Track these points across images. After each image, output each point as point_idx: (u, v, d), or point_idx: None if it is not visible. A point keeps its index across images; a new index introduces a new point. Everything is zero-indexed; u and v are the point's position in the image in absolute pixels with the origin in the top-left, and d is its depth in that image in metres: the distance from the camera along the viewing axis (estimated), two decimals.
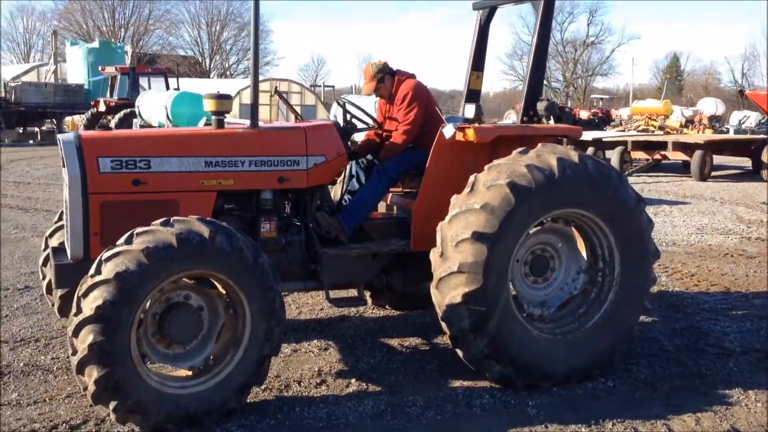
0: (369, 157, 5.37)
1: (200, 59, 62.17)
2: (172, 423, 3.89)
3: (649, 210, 5.07)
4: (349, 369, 4.94)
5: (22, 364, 4.90)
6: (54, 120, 29.31)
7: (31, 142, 27.92)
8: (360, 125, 5.29)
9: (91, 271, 3.76)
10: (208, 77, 55.83)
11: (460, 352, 4.55)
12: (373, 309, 6.28)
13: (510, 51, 65.76)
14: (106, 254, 3.79)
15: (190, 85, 23.12)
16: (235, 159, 4.60)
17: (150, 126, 18.57)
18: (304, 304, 6.40)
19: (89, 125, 21.76)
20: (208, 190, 4.56)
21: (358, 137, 5.50)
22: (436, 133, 4.95)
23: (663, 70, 69.92)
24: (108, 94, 22.22)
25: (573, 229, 4.87)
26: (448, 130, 4.81)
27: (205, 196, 4.56)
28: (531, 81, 5.11)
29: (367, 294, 6.01)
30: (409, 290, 5.56)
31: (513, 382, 4.53)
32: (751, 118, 33.38)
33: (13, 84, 29.13)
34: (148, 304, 3.90)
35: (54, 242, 5.08)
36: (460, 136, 4.84)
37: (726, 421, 4.20)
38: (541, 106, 5.09)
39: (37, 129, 29.08)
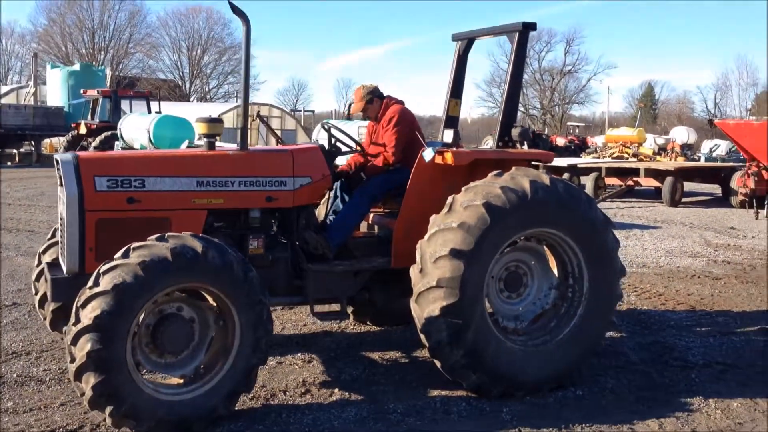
0: (358, 175, 5.61)
1: (180, 83, 62.43)
2: (164, 428, 4.09)
3: (621, 234, 5.40)
4: (333, 380, 5.16)
5: (15, 375, 5.06)
6: (33, 142, 29.27)
7: (9, 164, 27.83)
8: (344, 148, 5.58)
9: (90, 282, 3.97)
10: (188, 101, 56.04)
11: (438, 363, 4.79)
12: (354, 324, 6.52)
13: (488, 78, 66.75)
14: (104, 267, 4.00)
15: (171, 108, 23.33)
16: (225, 179, 4.84)
17: (132, 148, 18.72)
18: (288, 320, 6.62)
19: (69, 147, 21.83)
20: (199, 209, 4.79)
21: (341, 160, 5.77)
22: (416, 156, 5.24)
23: (638, 98, 71.46)
24: (89, 117, 22.35)
25: (545, 247, 5.17)
26: (428, 154, 5.11)
27: (196, 214, 4.79)
28: (506, 109, 5.44)
29: (349, 310, 6.25)
30: (390, 306, 5.82)
31: (488, 391, 4.78)
32: (722, 146, 34.31)
33: None
34: (142, 315, 4.11)
35: (47, 258, 5.27)
36: (439, 160, 5.14)
37: (687, 426, 4.49)
38: (515, 132, 5.41)
39: (15, 151, 29.03)
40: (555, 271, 5.19)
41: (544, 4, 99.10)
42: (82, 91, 24.00)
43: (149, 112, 21.14)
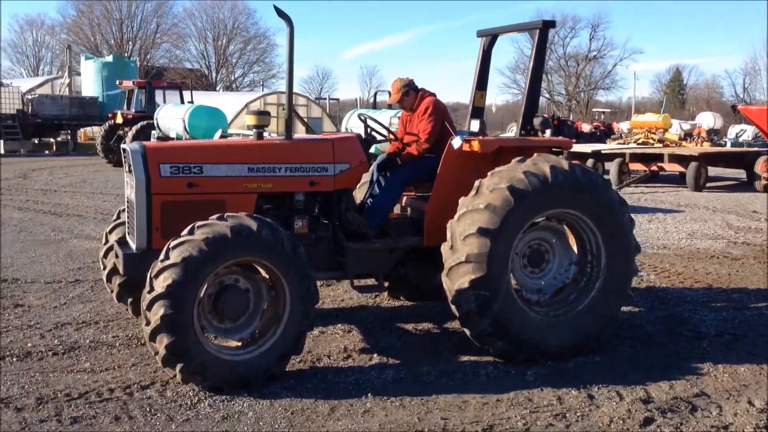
0: (394, 161, 6.09)
1: (206, 72, 63.28)
2: (226, 383, 4.65)
3: (645, 217, 5.78)
4: (371, 347, 5.69)
5: (88, 341, 5.65)
6: (69, 131, 30.22)
7: (46, 152, 28.81)
8: (378, 137, 6.07)
9: (161, 256, 4.53)
10: (215, 90, 56.83)
11: (467, 331, 5.29)
12: (388, 300, 7.04)
13: (512, 65, 66.66)
14: (173, 243, 4.55)
15: (200, 98, 23.96)
16: (273, 166, 5.36)
17: (168, 137, 19.40)
18: (326, 296, 7.15)
19: (107, 136, 22.56)
20: (250, 192, 5.32)
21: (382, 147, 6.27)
22: (446, 144, 5.72)
23: (664, 84, 70.89)
24: (125, 107, 23.07)
25: (565, 226, 5.62)
26: (457, 142, 5.59)
27: (248, 198, 5.32)
28: (528, 100, 5.89)
29: (385, 285, 6.76)
30: (421, 281, 6.32)
31: (513, 357, 5.26)
32: (748, 131, 34.20)
33: (29, 96, 30.06)
34: (205, 286, 4.66)
35: (114, 237, 5.84)
36: (466, 147, 5.62)
37: (696, 387, 4.94)
38: (537, 121, 5.88)
39: (52, 140, 29.99)
40: (574, 248, 5.64)
41: None
42: (117, 82, 24.73)
43: (182, 102, 21.78)
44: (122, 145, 5.45)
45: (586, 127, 38.60)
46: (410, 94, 6.16)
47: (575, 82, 67.83)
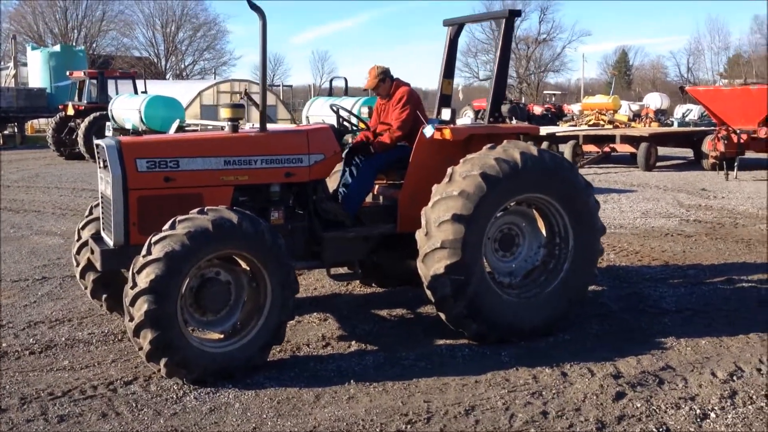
0: (367, 149, 6.19)
1: (155, 60, 62.01)
2: (210, 375, 4.70)
3: (600, 198, 6.02)
4: (348, 334, 5.80)
5: (63, 339, 5.62)
6: (16, 124, 29.37)
7: None
8: (351, 128, 6.15)
9: (143, 251, 4.54)
10: (164, 78, 55.77)
11: (442, 315, 5.44)
12: (361, 287, 7.15)
13: (464, 48, 67.03)
14: (154, 238, 4.58)
15: (152, 87, 23.51)
16: (248, 158, 5.40)
17: (123, 129, 19.07)
18: (301, 285, 7.20)
19: (58, 129, 22.02)
20: (226, 185, 5.36)
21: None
22: (417, 133, 5.83)
23: (612, 66, 72.28)
24: (76, 98, 22.53)
25: (534, 210, 5.81)
26: (428, 130, 5.71)
27: (225, 190, 5.35)
28: (496, 88, 6.04)
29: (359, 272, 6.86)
30: (394, 268, 6.45)
31: (487, 338, 5.44)
32: (694, 111, 35.25)
33: None
34: (187, 279, 4.70)
35: (86, 233, 5.80)
36: (438, 135, 5.74)
37: (661, 361, 5.19)
38: (504, 108, 6.03)
39: None
40: (543, 231, 5.84)
41: None
42: (68, 73, 24.09)
43: (136, 92, 21.39)
44: (96, 141, 5.41)
45: (537, 110, 39.24)
46: (386, 81, 6.27)
47: (526, 65, 68.61)
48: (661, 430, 4.16)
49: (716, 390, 4.69)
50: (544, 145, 18.91)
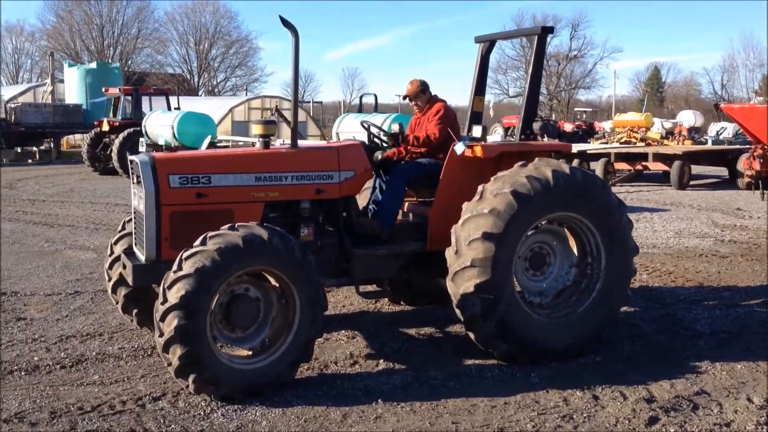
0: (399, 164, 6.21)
1: (188, 77, 62.99)
2: (238, 392, 4.70)
3: (632, 216, 5.90)
4: (376, 352, 5.76)
5: (94, 354, 5.67)
6: (52, 140, 29.98)
7: (29, 161, 28.52)
8: (382, 144, 6.16)
9: (174, 267, 4.57)
10: (197, 95, 56.60)
11: (472, 335, 5.38)
12: (389, 305, 7.11)
13: (494, 65, 67.00)
14: (185, 253, 4.61)
15: (185, 103, 23.85)
16: (279, 174, 5.43)
17: (156, 144, 19.35)
18: (329, 302, 7.18)
19: (93, 145, 22.40)
20: (257, 201, 5.38)
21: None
22: (448, 149, 5.81)
23: (644, 82, 71.63)
24: (111, 114, 22.94)
25: (565, 229, 5.74)
26: (459, 148, 5.69)
27: (256, 206, 5.38)
28: (527, 105, 6.00)
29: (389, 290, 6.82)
30: (423, 286, 6.41)
31: (517, 359, 5.36)
32: (729, 129, 34.63)
33: (12, 105, 29.79)
34: (217, 295, 4.71)
35: (119, 248, 5.87)
36: (469, 153, 5.72)
37: (696, 385, 5.06)
38: (536, 125, 5.98)
39: (35, 149, 29.72)
40: (575, 250, 5.76)
41: None
42: (103, 89, 24.55)
43: (169, 108, 21.71)
44: (130, 156, 5.48)
45: (568, 127, 38.88)
46: (426, 93, 6.33)
47: (556, 82, 68.33)
48: None
49: (752, 416, 4.56)
50: (576, 162, 18.77)
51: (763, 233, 11.56)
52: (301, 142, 5.83)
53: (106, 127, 21.94)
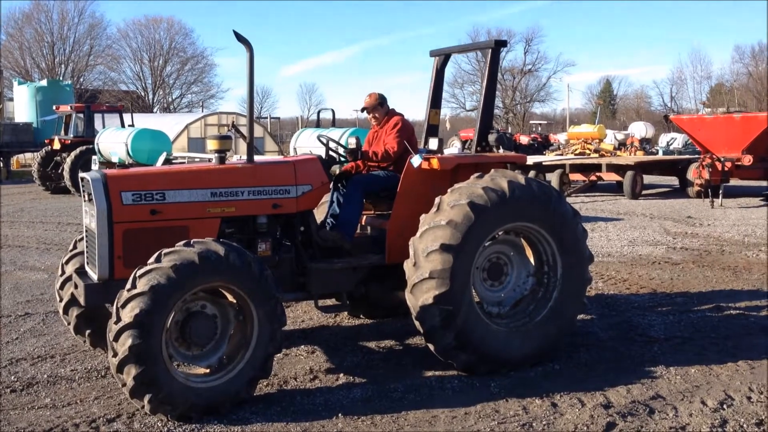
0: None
1: (143, 94, 62.16)
2: (195, 411, 4.61)
3: (587, 226, 6.03)
4: (336, 366, 5.72)
5: (46, 376, 5.52)
6: (2, 159, 29.20)
7: None
8: (339, 158, 6.15)
9: (128, 285, 4.48)
10: (152, 112, 55.84)
11: (431, 346, 5.39)
12: (348, 318, 7.09)
13: (450, 80, 67.68)
14: (139, 271, 4.52)
15: (139, 120, 23.50)
16: (235, 189, 5.37)
17: (110, 162, 19.01)
18: (288, 317, 7.12)
19: (44, 163, 21.93)
20: (213, 217, 5.32)
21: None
22: (405, 162, 5.84)
23: (596, 95, 73.10)
24: (62, 132, 22.47)
25: (522, 239, 5.80)
26: (416, 160, 5.71)
27: (211, 222, 5.31)
28: (483, 117, 6.07)
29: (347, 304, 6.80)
30: (382, 299, 6.40)
31: (477, 369, 5.38)
32: (678, 139, 35.56)
33: None
34: (172, 313, 4.63)
35: (70, 268, 5.73)
36: (426, 165, 5.75)
37: (651, 390, 5.14)
38: (491, 137, 6.05)
39: None
40: (531, 260, 5.82)
41: (501, 4, 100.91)
42: (54, 107, 24.05)
43: (123, 125, 21.37)
44: (81, 174, 5.37)
45: (524, 139, 39.51)
46: (384, 106, 6.37)
47: (512, 95, 69.28)
48: None
49: (707, 419, 4.65)
50: (532, 174, 19.02)
51: (713, 240, 11.86)
52: (258, 158, 5.78)
53: (57, 146, 21.49)
